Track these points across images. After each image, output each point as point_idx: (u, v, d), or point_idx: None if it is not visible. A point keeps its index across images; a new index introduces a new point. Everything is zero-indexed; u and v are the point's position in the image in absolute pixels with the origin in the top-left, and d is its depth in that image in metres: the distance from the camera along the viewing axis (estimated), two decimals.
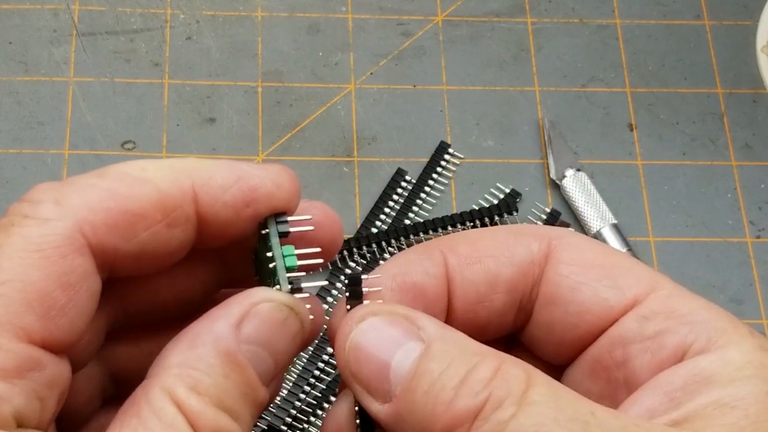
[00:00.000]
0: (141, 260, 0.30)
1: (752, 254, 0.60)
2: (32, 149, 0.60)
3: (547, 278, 0.32)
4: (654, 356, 0.30)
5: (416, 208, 0.60)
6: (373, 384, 0.29)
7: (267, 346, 0.29)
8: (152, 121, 0.62)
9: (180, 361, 0.28)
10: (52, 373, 0.28)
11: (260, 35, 0.65)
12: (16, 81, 0.62)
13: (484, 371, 0.27)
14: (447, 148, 0.62)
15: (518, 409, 0.27)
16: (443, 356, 0.28)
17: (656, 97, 0.64)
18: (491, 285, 0.32)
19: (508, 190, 0.61)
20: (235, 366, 0.29)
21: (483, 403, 0.27)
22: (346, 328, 0.30)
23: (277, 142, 0.62)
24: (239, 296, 0.30)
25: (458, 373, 0.28)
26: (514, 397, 0.27)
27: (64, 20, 0.64)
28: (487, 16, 0.66)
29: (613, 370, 0.31)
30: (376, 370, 0.29)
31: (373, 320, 0.30)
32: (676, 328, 0.30)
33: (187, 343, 0.29)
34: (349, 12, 0.66)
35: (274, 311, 0.30)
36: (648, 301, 0.31)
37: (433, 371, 0.28)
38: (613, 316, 0.31)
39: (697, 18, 0.67)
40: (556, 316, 0.32)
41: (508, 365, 0.28)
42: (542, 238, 0.32)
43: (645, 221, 0.61)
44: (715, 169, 0.62)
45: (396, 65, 0.64)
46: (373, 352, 0.29)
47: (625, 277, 0.31)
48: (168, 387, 0.28)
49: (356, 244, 0.58)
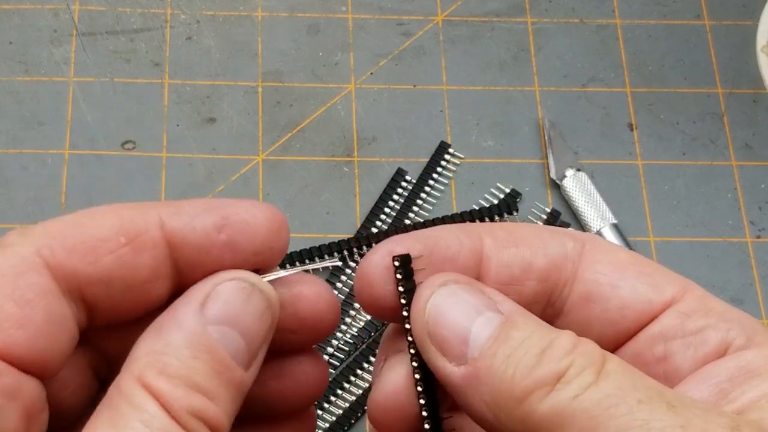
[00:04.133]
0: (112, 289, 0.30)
1: (752, 254, 0.60)
2: (32, 149, 0.60)
3: (584, 277, 0.32)
4: (697, 351, 0.31)
5: (416, 208, 0.60)
6: (450, 346, 0.30)
7: (234, 325, 0.29)
8: (152, 121, 0.62)
9: (148, 350, 0.29)
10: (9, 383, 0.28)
11: (260, 35, 0.65)
12: (16, 81, 0.62)
13: (566, 342, 0.29)
14: (447, 148, 0.62)
15: (599, 376, 0.28)
16: (525, 326, 0.29)
17: (656, 97, 0.64)
18: (525, 270, 0.32)
19: (508, 190, 0.61)
20: (203, 346, 0.29)
21: (566, 368, 0.28)
22: (427, 291, 0.30)
23: (277, 142, 0.62)
24: (201, 281, 0.30)
25: (540, 343, 0.29)
26: (595, 366, 0.28)
27: (64, 20, 0.64)
28: (487, 16, 0.66)
29: (653, 365, 0.31)
30: (455, 333, 0.30)
31: (454, 287, 0.30)
32: (717, 324, 0.31)
33: (154, 332, 0.29)
34: (349, 12, 0.66)
35: (236, 289, 0.30)
36: (685, 299, 0.32)
37: (516, 338, 0.29)
38: (653, 313, 0.32)
39: (697, 18, 0.67)
40: (594, 314, 0.32)
41: (585, 342, 0.29)
42: (576, 238, 0.33)
43: (645, 221, 0.61)
44: (715, 169, 0.62)
45: (396, 65, 0.64)
46: (453, 315, 0.30)
47: (660, 277, 0.32)
48: (137, 374, 0.28)
49: (356, 244, 0.58)
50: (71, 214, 0.30)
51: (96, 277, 0.30)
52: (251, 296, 0.30)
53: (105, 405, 0.28)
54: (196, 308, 0.29)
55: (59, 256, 0.29)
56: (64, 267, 0.29)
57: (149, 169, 0.60)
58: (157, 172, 0.60)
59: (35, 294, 0.29)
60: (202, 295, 0.30)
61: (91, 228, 0.30)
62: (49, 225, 0.30)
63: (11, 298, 0.28)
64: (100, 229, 0.30)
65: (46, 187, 0.59)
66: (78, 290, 0.30)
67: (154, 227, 0.30)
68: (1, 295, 0.28)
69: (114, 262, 0.30)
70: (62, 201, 0.59)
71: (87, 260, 0.29)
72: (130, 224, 0.30)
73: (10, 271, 0.28)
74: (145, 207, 0.31)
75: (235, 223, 0.31)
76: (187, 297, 0.30)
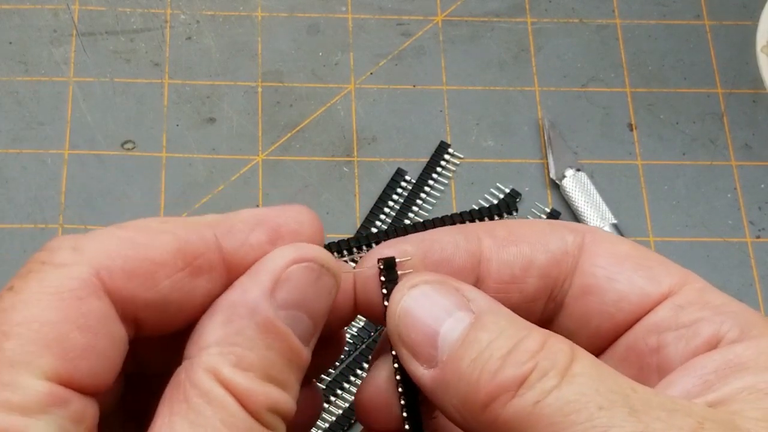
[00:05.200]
0: (166, 313, 0.30)
1: (752, 254, 0.60)
2: (32, 149, 0.60)
3: (582, 269, 0.33)
4: (688, 343, 0.31)
5: (416, 208, 0.60)
6: (420, 349, 0.30)
7: (304, 308, 0.29)
8: (152, 121, 0.62)
9: (219, 339, 0.28)
10: (77, 409, 0.27)
11: (260, 35, 0.65)
12: (16, 81, 0.62)
13: (531, 344, 0.28)
14: (447, 148, 0.62)
15: (562, 379, 0.27)
16: (493, 327, 0.29)
17: (656, 97, 0.64)
18: (525, 268, 0.33)
19: (508, 190, 0.61)
20: (276, 335, 0.29)
21: (528, 372, 0.28)
22: (398, 294, 0.31)
23: (277, 142, 0.62)
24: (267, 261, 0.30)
25: (506, 344, 0.28)
26: (558, 369, 0.28)
27: (64, 20, 0.64)
28: (487, 16, 0.66)
29: (647, 356, 0.32)
30: (424, 336, 0.30)
31: (424, 288, 0.30)
32: (710, 317, 0.31)
33: (222, 318, 0.29)
34: (349, 12, 0.66)
35: (307, 272, 0.30)
36: (682, 292, 0.32)
37: (482, 340, 0.29)
38: (649, 305, 0.32)
39: (697, 18, 0.67)
40: (592, 306, 0.32)
41: (554, 339, 0.29)
42: (576, 231, 0.33)
43: (645, 221, 0.61)
44: (715, 169, 0.62)
45: (396, 65, 0.64)
46: (423, 318, 0.30)
47: (658, 269, 0.32)
48: (212, 367, 0.28)
49: (356, 244, 0.58)
50: (122, 227, 0.29)
51: (152, 301, 0.29)
52: (320, 277, 0.30)
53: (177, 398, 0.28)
54: (266, 293, 0.29)
55: (118, 281, 0.28)
56: (122, 292, 0.28)
57: (149, 169, 0.60)
58: (156, 172, 0.60)
59: (97, 321, 0.28)
60: (272, 278, 0.29)
61: (149, 250, 0.29)
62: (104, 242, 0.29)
63: (76, 326, 0.27)
64: (157, 251, 0.29)
65: (46, 187, 0.59)
66: (133, 314, 0.29)
67: (211, 249, 0.30)
68: (65, 321, 0.27)
69: (171, 286, 0.29)
70: (62, 201, 0.59)
71: (145, 286, 0.29)
72: (187, 246, 0.29)
73: (72, 296, 0.28)
74: (199, 225, 0.30)
75: (287, 234, 0.31)
76: (256, 278, 0.29)
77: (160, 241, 0.29)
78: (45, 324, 0.27)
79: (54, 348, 0.27)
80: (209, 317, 0.29)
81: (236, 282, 0.30)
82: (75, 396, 0.27)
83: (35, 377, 0.27)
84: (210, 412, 0.27)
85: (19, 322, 0.27)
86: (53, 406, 0.27)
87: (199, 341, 0.28)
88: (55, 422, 0.27)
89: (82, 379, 0.27)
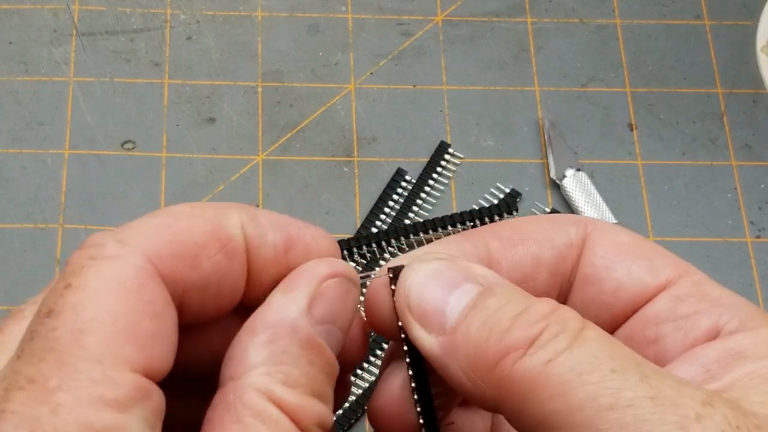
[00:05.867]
0: (206, 295, 0.30)
1: (752, 254, 0.60)
2: (32, 149, 0.60)
3: (584, 260, 0.33)
4: (687, 335, 0.31)
5: (416, 208, 0.60)
6: (429, 318, 0.30)
7: (337, 322, 0.30)
8: (152, 121, 0.62)
9: (265, 359, 0.28)
10: (158, 401, 0.27)
11: (260, 35, 0.65)
12: (16, 81, 0.62)
13: (542, 307, 0.28)
14: (447, 148, 0.62)
15: (573, 342, 0.27)
16: (503, 295, 0.29)
17: (656, 97, 0.64)
18: (535, 265, 0.33)
19: (508, 190, 0.61)
20: (317, 350, 0.29)
21: (539, 332, 0.28)
22: (409, 269, 0.31)
23: (277, 142, 0.62)
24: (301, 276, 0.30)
25: (516, 309, 0.29)
26: (570, 332, 0.28)
27: (64, 20, 0.64)
28: (487, 16, 0.66)
29: (644, 347, 0.32)
30: (433, 303, 0.30)
31: (435, 263, 0.31)
32: (709, 309, 0.31)
33: (264, 338, 0.29)
34: (349, 12, 0.66)
35: (339, 287, 0.30)
36: (681, 283, 0.32)
37: (491, 306, 0.29)
38: (647, 296, 0.32)
39: (697, 18, 0.67)
40: (591, 296, 0.33)
41: (564, 307, 0.29)
42: (579, 224, 0.33)
43: (645, 221, 0.61)
44: (715, 169, 0.62)
45: (396, 65, 0.64)
46: (431, 288, 0.30)
47: (658, 260, 0.32)
48: (263, 387, 0.28)
49: (356, 244, 0.58)
50: (156, 215, 0.30)
51: (197, 282, 0.29)
52: (349, 292, 0.31)
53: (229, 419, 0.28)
54: (304, 310, 0.29)
55: (168, 263, 0.28)
56: (174, 275, 0.29)
57: (149, 169, 0.60)
58: (157, 172, 0.60)
59: (163, 306, 0.28)
60: (309, 293, 0.30)
61: (189, 233, 0.29)
62: (146, 230, 0.29)
63: (146, 314, 0.27)
64: (196, 233, 0.29)
65: (46, 187, 0.59)
66: (180, 296, 0.29)
67: (239, 236, 0.30)
68: (135, 311, 0.27)
69: (211, 267, 0.29)
70: (62, 201, 0.59)
71: (191, 266, 0.29)
72: (219, 229, 0.30)
73: (135, 284, 0.27)
74: (224, 208, 0.30)
75: (300, 246, 0.31)
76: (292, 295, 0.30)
77: (197, 224, 0.29)
78: (118, 316, 0.27)
79: (132, 338, 0.27)
80: (250, 337, 0.29)
81: (269, 299, 0.30)
82: (155, 387, 0.27)
83: (124, 371, 0.27)
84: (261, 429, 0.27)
85: (92, 318, 0.27)
86: (141, 398, 0.27)
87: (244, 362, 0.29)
88: (143, 415, 0.27)
89: (159, 367, 0.28)
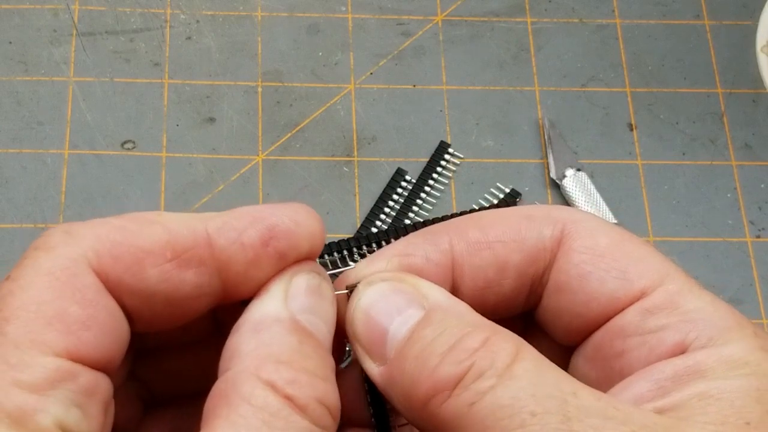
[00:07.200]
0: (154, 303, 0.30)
1: (752, 254, 0.60)
2: (32, 149, 0.60)
3: (558, 266, 0.32)
4: (651, 351, 0.30)
5: (416, 208, 0.60)
6: (371, 346, 0.30)
7: (316, 313, 0.30)
8: (152, 121, 0.62)
9: (254, 346, 0.29)
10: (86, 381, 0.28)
11: (260, 35, 0.65)
12: (16, 81, 0.62)
13: (472, 341, 0.28)
14: (447, 148, 0.62)
15: (498, 381, 0.27)
16: (439, 324, 0.29)
17: (656, 97, 0.64)
18: (500, 271, 0.32)
19: (508, 190, 0.61)
20: (303, 332, 0.29)
21: (465, 371, 0.28)
22: (356, 293, 0.31)
23: (277, 142, 0.62)
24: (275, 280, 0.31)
25: (448, 341, 0.28)
26: (496, 369, 0.27)
27: (64, 20, 0.64)
28: (487, 16, 0.66)
29: (611, 360, 0.31)
30: (375, 334, 0.30)
31: (381, 285, 0.31)
32: (678, 325, 0.30)
33: (250, 330, 0.29)
34: (349, 12, 0.66)
35: (309, 280, 0.31)
36: (654, 294, 0.31)
37: (426, 337, 0.29)
38: (619, 307, 0.31)
39: (697, 18, 0.67)
40: (563, 304, 0.32)
41: (498, 338, 0.28)
42: (555, 223, 0.32)
43: (645, 221, 0.61)
44: (715, 169, 0.62)
45: (396, 65, 0.64)
46: (374, 317, 0.31)
47: (635, 267, 0.32)
48: (253, 370, 0.28)
49: (356, 243, 0.58)
50: (118, 217, 0.30)
51: (138, 288, 0.29)
52: (321, 285, 0.31)
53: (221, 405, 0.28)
54: (282, 301, 0.30)
55: (105, 263, 0.29)
56: (109, 274, 0.29)
57: (149, 169, 0.60)
58: (156, 172, 0.60)
59: (93, 294, 0.28)
60: (281, 290, 0.30)
61: (138, 238, 0.29)
62: (95, 227, 0.29)
63: (73, 301, 0.28)
64: (146, 240, 0.29)
65: (46, 187, 0.59)
66: (120, 299, 0.29)
67: (201, 244, 0.30)
68: (63, 298, 0.28)
69: (158, 276, 0.29)
70: (62, 201, 0.59)
71: (131, 271, 0.29)
72: (177, 239, 0.30)
73: (66, 274, 0.28)
74: (192, 220, 0.30)
75: (281, 233, 0.31)
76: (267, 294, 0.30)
77: (151, 230, 0.30)
78: (43, 303, 0.28)
79: (55, 324, 0.28)
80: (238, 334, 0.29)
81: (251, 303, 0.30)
82: (83, 369, 0.28)
83: (41, 355, 0.27)
84: (251, 412, 0.27)
85: (18, 306, 0.28)
86: (62, 380, 0.27)
87: (235, 354, 0.29)
88: (66, 396, 0.27)
89: (88, 351, 0.28)
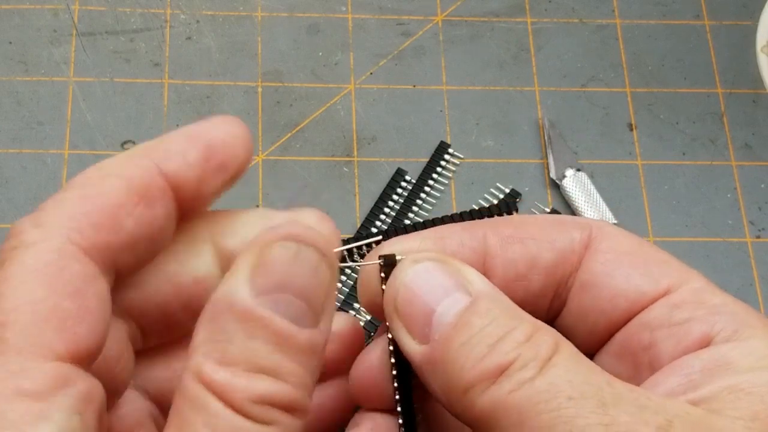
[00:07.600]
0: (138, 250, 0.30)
1: (752, 254, 0.60)
2: (32, 149, 0.60)
3: (585, 266, 0.33)
4: (679, 342, 0.31)
5: (416, 208, 0.60)
6: (415, 323, 0.30)
7: (286, 289, 0.28)
8: (152, 121, 0.62)
9: (203, 339, 0.28)
10: (85, 387, 0.27)
11: (260, 35, 0.65)
12: (16, 81, 0.62)
13: (519, 334, 0.29)
14: (447, 148, 0.62)
15: (539, 371, 0.28)
16: (487, 313, 0.29)
17: (656, 97, 0.64)
18: (531, 266, 0.33)
19: (508, 190, 0.61)
20: (257, 322, 0.27)
21: (511, 362, 0.28)
22: (401, 267, 0.31)
23: (277, 142, 0.62)
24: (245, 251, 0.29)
25: (496, 332, 0.29)
26: (539, 360, 0.28)
27: (64, 20, 0.64)
28: (487, 16, 0.66)
29: (639, 353, 0.32)
30: (421, 311, 0.30)
31: (427, 264, 0.31)
32: (704, 317, 0.31)
33: (207, 316, 0.28)
34: (349, 12, 0.66)
35: (281, 252, 0.28)
36: (679, 291, 0.32)
37: (474, 326, 0.29)
38: (644, 303, 0.32)
39: (697, 18, 0.67)
40: (588, 302, 0.33)
41: (542, 332, 0.29)
42: (583, 228, 0.33)
43: (645, 221, 0.61)
44: (715, 169, 0.62)
45: (396, 65, 0.64)
46: (421, 294, 0.30)
47: (659, 267, 0.32)
48: (195, 369, 0.27)
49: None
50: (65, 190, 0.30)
51: (124, 242, 0.29)
52: (298, 254, 0.29)
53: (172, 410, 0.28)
54: (244, 283, 0.28)
55: (89, 236, 0.29)
56: (97, 244, 0.29)
57: None
58: None
59: (82, 283, 0.28)
60: (248, 267, 0.28)
61: (103, 198, 0.29)
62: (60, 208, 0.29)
63: (65, 294, 0.27)
64: (111, 196, 0.29)
65: (45, 187, 0.59)
66: (111, 261, 0.29)
67: (155, 178, 0.30)
68: (54, 294, 0.27)
69: (134, 223, 0.29)
70: None
71: (114, 230, 0.29)
72: (135, 182, 0.30)
73: (53, 267, 0.28)
74: (137, 159, 0.30)
75: (219, 147, 0.31)
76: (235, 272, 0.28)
77: (110, 185, 0.30)
78: (36, 303, 0.27)
79: (53, 322, 0.27)
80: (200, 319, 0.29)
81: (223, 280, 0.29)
82: (80, 374, 0.27)
83: (43, 360, 0.27)
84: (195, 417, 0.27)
85: (12, 309, 0.27)
86: (63, 386, 0.27)
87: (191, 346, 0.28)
88: (67, 403, 0.27)
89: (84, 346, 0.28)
